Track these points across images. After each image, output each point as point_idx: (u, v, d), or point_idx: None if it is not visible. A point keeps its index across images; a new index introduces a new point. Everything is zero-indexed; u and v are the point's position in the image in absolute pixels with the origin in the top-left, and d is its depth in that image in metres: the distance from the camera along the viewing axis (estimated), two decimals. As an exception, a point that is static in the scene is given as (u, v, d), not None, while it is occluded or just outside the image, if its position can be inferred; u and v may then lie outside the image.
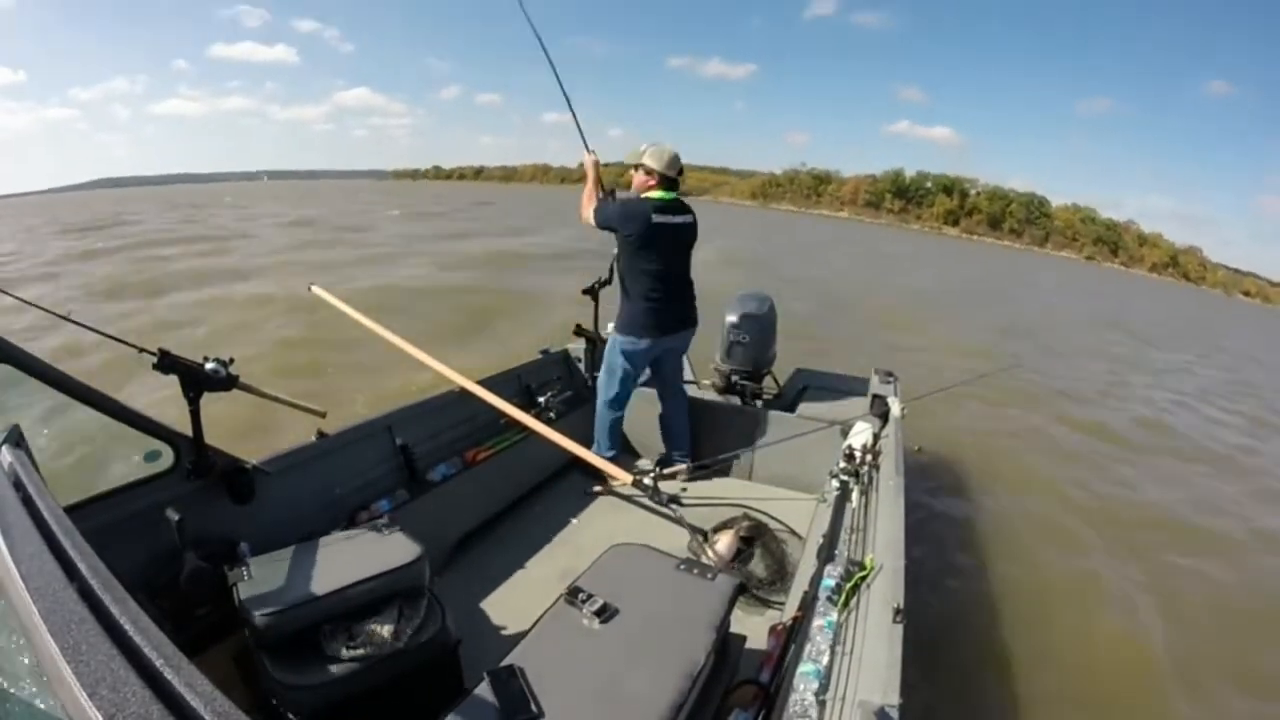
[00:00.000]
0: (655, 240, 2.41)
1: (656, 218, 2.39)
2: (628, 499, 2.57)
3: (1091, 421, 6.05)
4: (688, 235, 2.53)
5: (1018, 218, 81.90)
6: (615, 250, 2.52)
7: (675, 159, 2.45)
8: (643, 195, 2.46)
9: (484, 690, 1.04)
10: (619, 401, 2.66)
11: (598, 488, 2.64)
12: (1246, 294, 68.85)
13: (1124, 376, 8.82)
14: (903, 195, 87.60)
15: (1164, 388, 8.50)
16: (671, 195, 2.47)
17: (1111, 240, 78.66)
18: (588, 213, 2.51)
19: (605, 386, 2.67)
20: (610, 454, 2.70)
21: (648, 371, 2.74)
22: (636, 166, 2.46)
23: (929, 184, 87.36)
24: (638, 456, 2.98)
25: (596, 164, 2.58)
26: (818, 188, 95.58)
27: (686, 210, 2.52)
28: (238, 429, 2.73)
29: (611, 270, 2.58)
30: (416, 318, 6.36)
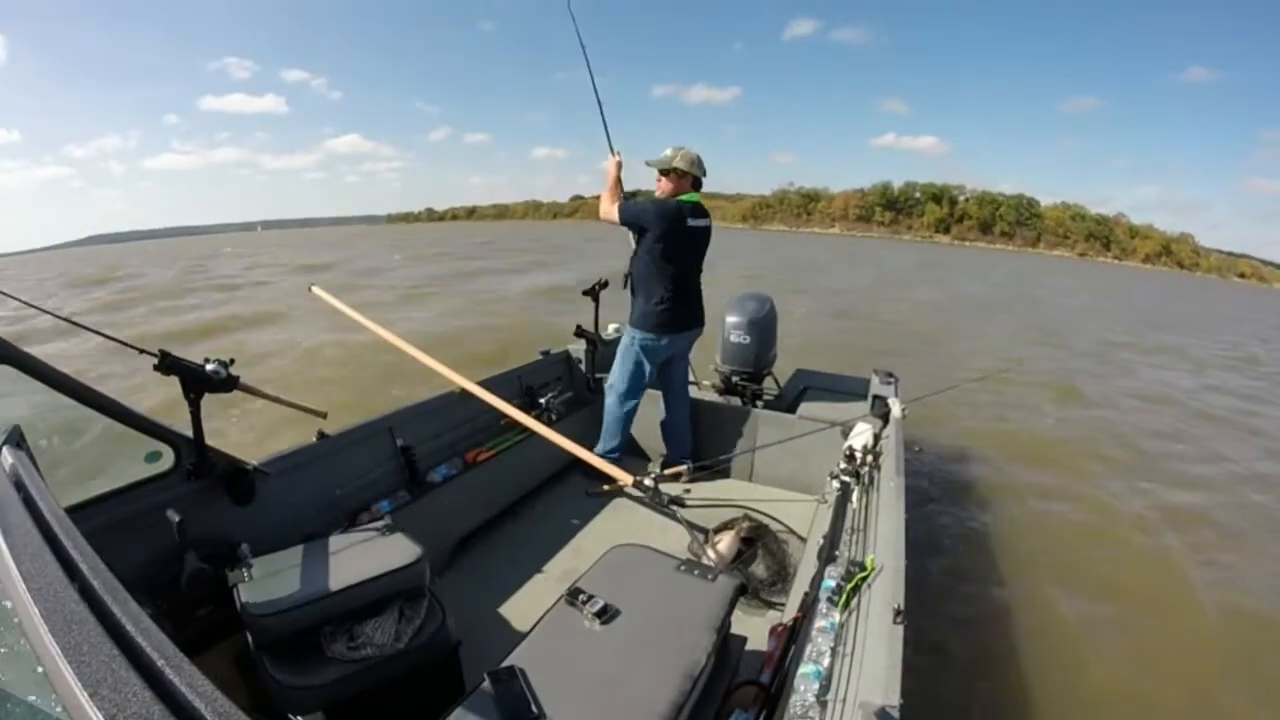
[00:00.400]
0: (682, 241, 2.48)
1: (690, 220, 2.46)
2: (628, 500, 2.57)
3: (1102, 416, 6.05)
4: (707, 238, 2.60)
5: (1008, 220, 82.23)
6: (633, 249, 2.56)
7: (700, 159, 2.52)
8: (678, 199, 2.50)
9: (484, 691, 1.04)
10: (632, 398, 2.68)
11: (598, 489, 2.63)
12: (1242, 276, 68.70)
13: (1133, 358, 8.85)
14: (892, 207, 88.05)
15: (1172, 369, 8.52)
16: (696, 197, 2.54)
17: (1103, 235, 78.80)
18: (610, 208, 2.51)
19: (619, 383, 2.68)
20: (616, 452, 2.72)
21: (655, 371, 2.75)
22: (667, 172, 2.50)
23: (917, 194, 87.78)
24: (639, 457, 2.98)
25: (619, 165, 2.58)
26: (807, 206, 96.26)
27: (707, 214, 2.58)
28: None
29: (631, 268, 2.58)
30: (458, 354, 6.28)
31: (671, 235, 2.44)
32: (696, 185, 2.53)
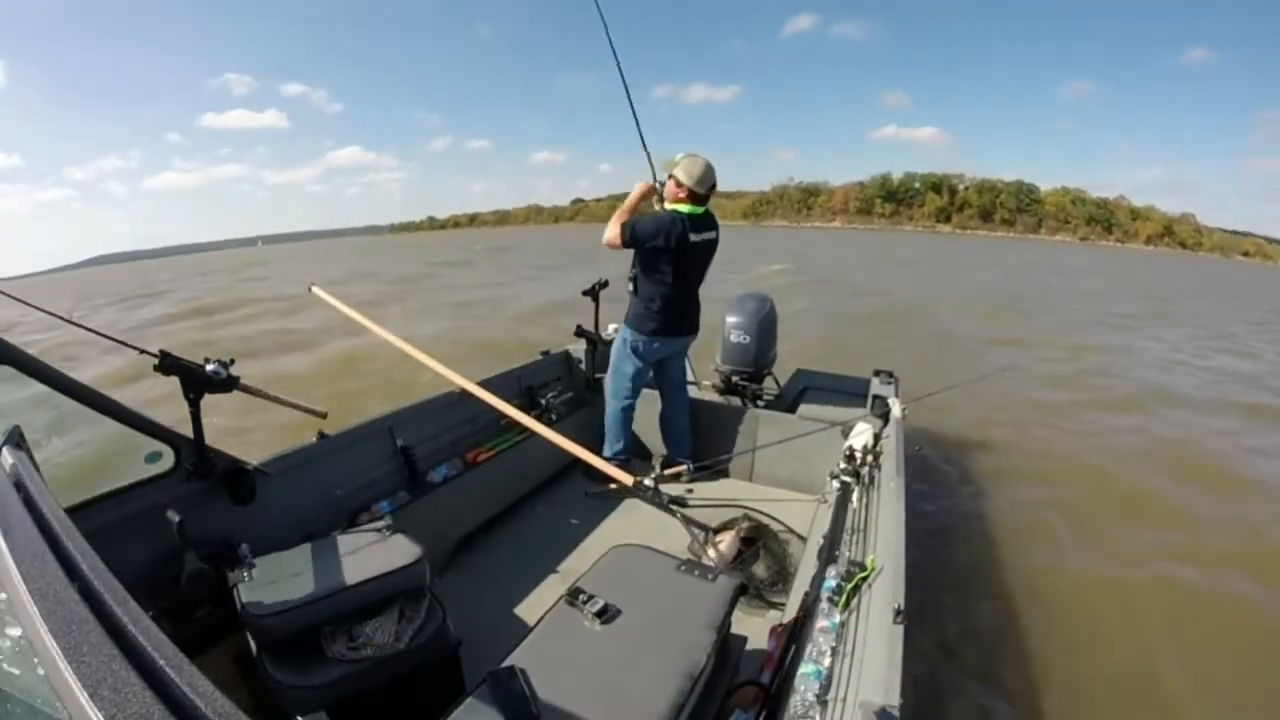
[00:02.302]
0: (682, 255, 2.42)
1: (693, 236, 2.40)
2: (628, 500, 2.57)
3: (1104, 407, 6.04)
4: (711, 250, 2.55)
5: (1008, 207, 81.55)
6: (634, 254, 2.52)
7: (707, 175, 2.41)
8: (671, 206, 2.44)
9: (484, 691, 1.04)
10: (628, 398, 2.68)
11: (598, 489, 2.64)
12: (1245, 254, 68.04)
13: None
14: (892, 198, 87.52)
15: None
16: (701, 210, 2.46)
17: (1104, 218, 77.95)
18: (613, 232, 2.40)
19: (614, 382, 2.69)
20: (622, 454, 2.72)
21: (649, 372, 2.75)
22: (670, 176, 2.45)
23: (917, 184, 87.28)
24: (639, 457, 2.98)
25: (644, 191, 2.49)
26: (807, 200, 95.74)
27: (713, 226, 2.52)
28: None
29: (632, 270, 2.56)
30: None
31: (670, 250, 2.39)
32: (696, 199, 2.42)
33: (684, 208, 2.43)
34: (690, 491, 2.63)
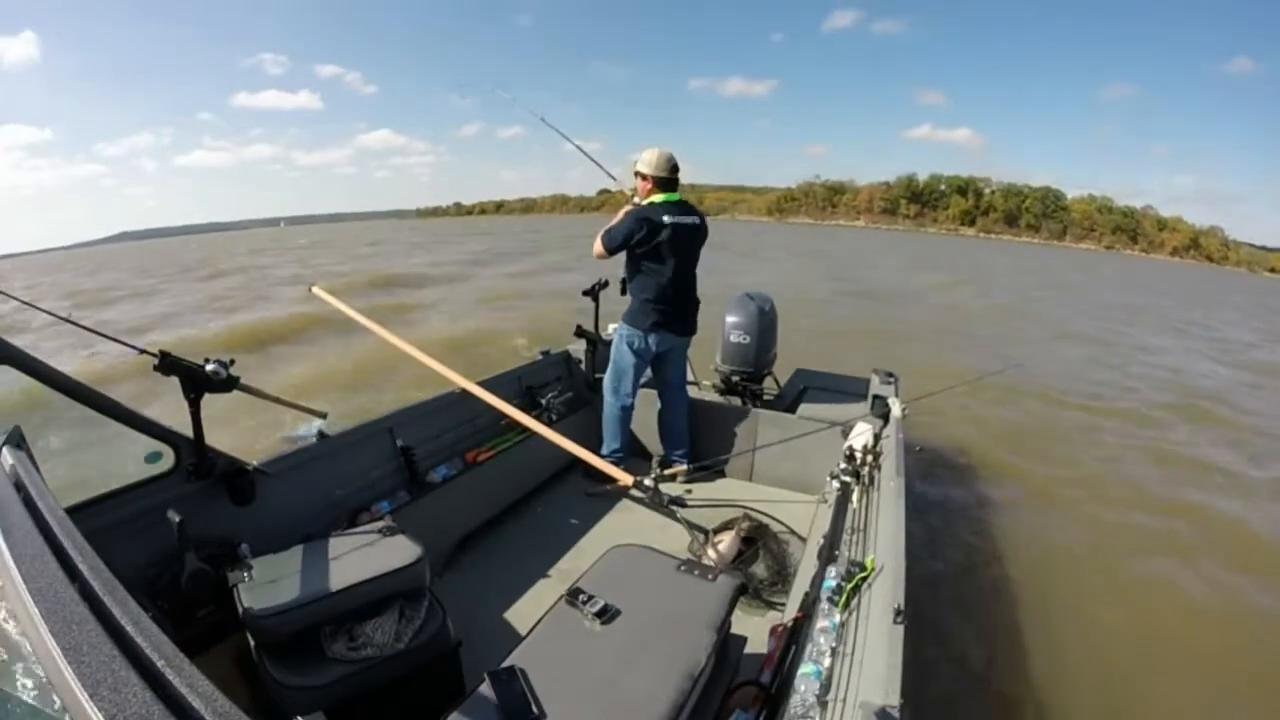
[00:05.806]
0: (663, 241, 2.46)
1: (667, 218, 2.44)
2: (628, 500, 2.57)
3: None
4: (696, 236, 2.57)
5: (1034, 213, 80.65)
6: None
7: (667, 159, 2.48)
8: (646, 201, 2.50)
9: (484, 691, 1.04)
10: (625, 395, 2.69)
11: (598, 489, 2.64)
12: (1273, 270, 65.43)
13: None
14: (918, 199, 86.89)
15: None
16: (676, 196, 2.51)
17: (1130, 228, 76.80)
18: (598, 245, 2.50)
19: (613, 380, 2.70)
20: (620, 453, 2.72)
21: (648, 371, 2.76)
22: (635, 173, 2.53)
23: (943, 186, 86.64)
24: (639, 457, 2.98)
25: (627, 214, 2.55)
26: (832, 198, 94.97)
27: (693, 212, 2.56)
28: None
29: (625, 270, 2.61)
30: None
31: (649, 239, 2.43)
32: (665, 186, 2.49)
33: (657, 198, 2.49)
34: (690, 491, 2.63)
